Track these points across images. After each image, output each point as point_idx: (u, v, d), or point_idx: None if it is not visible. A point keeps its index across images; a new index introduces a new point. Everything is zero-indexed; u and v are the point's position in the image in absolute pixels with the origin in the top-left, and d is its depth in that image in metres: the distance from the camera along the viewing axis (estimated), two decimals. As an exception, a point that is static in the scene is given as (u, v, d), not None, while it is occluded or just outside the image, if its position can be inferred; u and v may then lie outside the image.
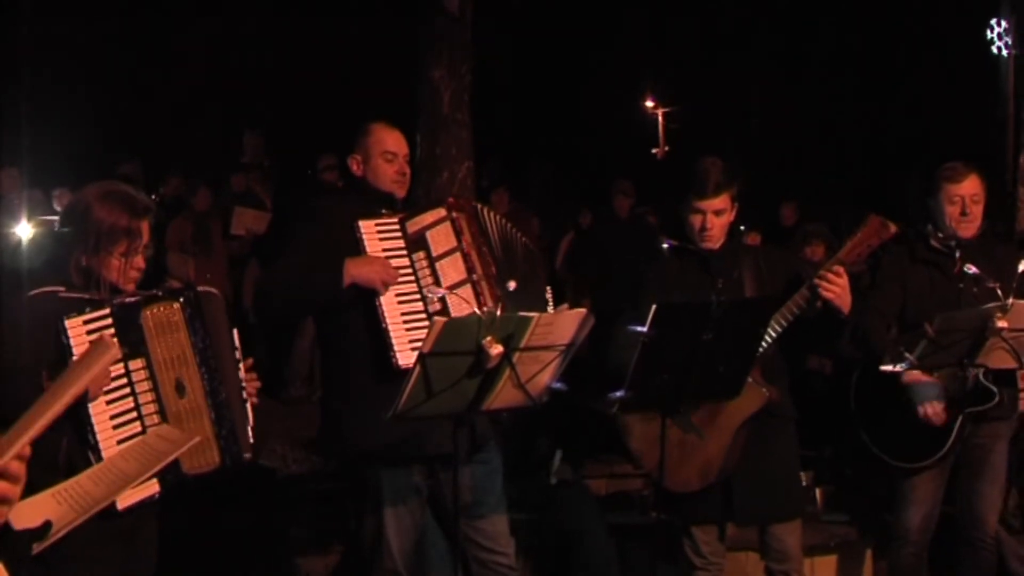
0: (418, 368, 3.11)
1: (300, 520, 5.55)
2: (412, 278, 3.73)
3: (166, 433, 3.04)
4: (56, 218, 7.38)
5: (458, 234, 3.81)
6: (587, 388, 3.89)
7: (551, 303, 3.97)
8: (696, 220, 3.96)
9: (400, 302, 3.70)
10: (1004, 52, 13.86)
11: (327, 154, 8.98)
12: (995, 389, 4.21)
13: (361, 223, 3.73)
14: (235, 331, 3.37)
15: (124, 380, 3.09)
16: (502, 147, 13.33)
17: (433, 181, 6.99)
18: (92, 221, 3.14)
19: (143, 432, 3.08)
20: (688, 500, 3.97)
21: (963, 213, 4.35)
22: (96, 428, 3.01)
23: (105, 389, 3.03)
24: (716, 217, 3.94)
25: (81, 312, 3.04)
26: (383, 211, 3.83)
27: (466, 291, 3.74)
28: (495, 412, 3.53)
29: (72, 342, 3.00)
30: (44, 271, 3.21)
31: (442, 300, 3.69)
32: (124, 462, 2.91)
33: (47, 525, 2.71)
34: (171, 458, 2.97)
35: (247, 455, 3.31)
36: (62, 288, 3.12)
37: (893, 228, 3.83)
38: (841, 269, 3.77)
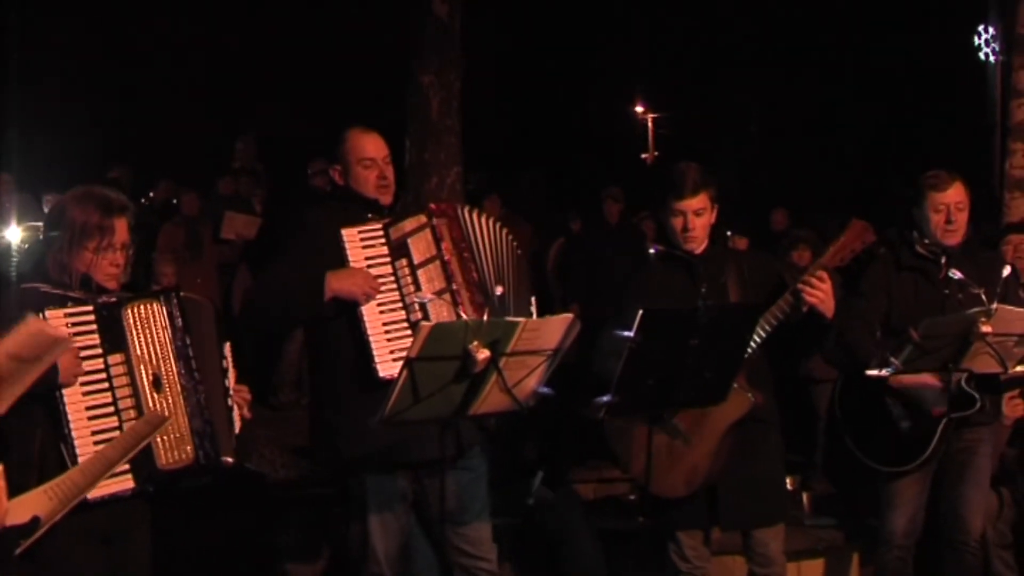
0: (405, 373, 3.12)
1: (288, 525, 5.55)
2: (395, 286, 3.74)
3: (149, 417, 3.10)
4: (43, 224, 7.39)
5: (438, 241, 3.80)
6: (574, 393, 3.90)
7: (535, 311, 3.95)
8: (677, 222, 3.97)
9: (382, 311, 3.70)
10: (991, 58, 13.95)
11: (318, 159, 8.97)
12: (977, 395, 4.23)
13: (344, 231, 3.73)
14: (228, 345, 3.45)
15: (103, 375, 3.17)
16: (492, 153, 13.36)
17: (422, 187, 7.00)
18: (67, 220, 3.28)
19: (119, 425, 3.15)
20: (673, 505, 3.98)
21: (948, 221, 4.37)
22: (71, 419, 3.08)
23: (83, 381, 3.12)
24: (697, 217, 3.95)
25: (63, 305, 3.15)
26: (369, 216, 3.83)
27: (446, 300, 3.74)
28: (482, 417, 3.54)
29: None
30: (30, 273, 3.33)
31: (423, 307, 3.70)
32: (110, 449, 2.94)
33: (35, 521, 2.73)
34: (149, 438, 3.01)
35: (227, 458, 3.34)
36: (45, 285, 3.24)
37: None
38: (824, 274, 3.79)
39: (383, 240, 3.76)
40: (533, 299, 3.99)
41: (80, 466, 2.95)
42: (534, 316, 3.88)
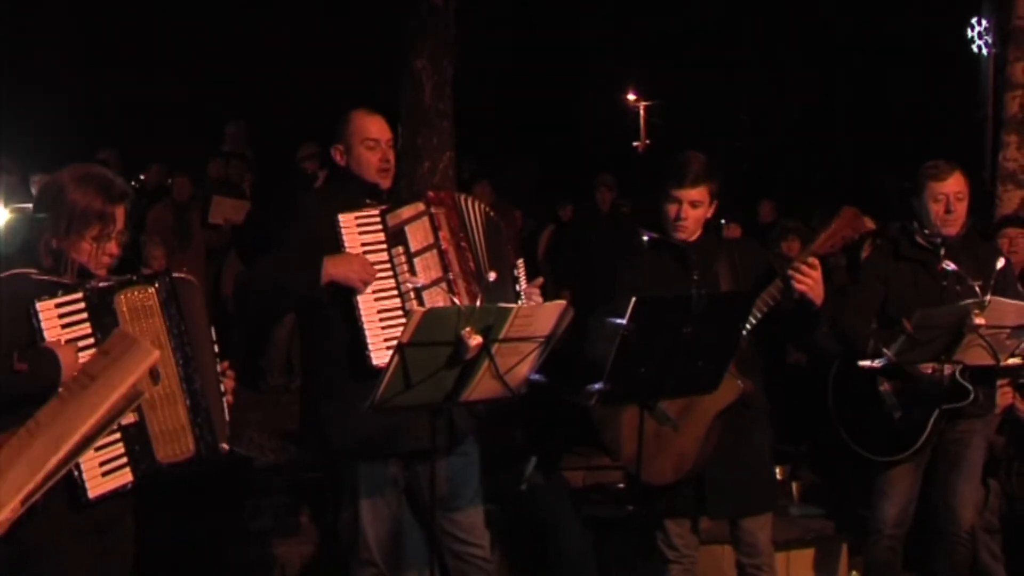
0: (396, 358, 3.10)
1: (276, 510, 5.53)
2: (391, 273, 3.70)
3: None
4: (31, 206, 7.32)
5: (435, 230, 3.77)
6: (565, 380, 3.89)
7: (522, 274, 3.92)
8: (671, 209, 3.94)
9: (377, 299, 3.67)
10: (984, 51, 13.96)
11: (308, 143, 8.94)
12: (971, 387, 4.23)
13: (341, 217, 3.68)
14: (212, 328, 3.33)
15: None
16: (485, 139, 13.33)
17: (414, 171, 6.99)
18: (65, 203, 3.08)
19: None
20: (661, 493, 3.97)
21: (947, 211, 4.36)
22: None
23: None
24: (692, 208, 3.92)
25: (53, 295, 2.98)
26: (367, 201, 3.80)
27: (441, 289, 3.72)
28: (473, 404, 3.52)
29: (43, 325, 2.95)
30: (16, 256, 3.14)
31: (418, 295, 3.67)
32: (86, 428, 2.79)
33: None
34: (125, 412, 2.83)
35: (223, 445, 3.27)
36: (34, 271, 3.07)
37: (868, 222, 3.84)
38: (815, 261, 3.77)
39: (380, 227, 3.72)
40: (520, 262, 3.96)
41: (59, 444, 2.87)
42: (522, 281, 3.89)
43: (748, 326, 3.82)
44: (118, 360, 2.44)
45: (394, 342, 3.19)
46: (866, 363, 4.15)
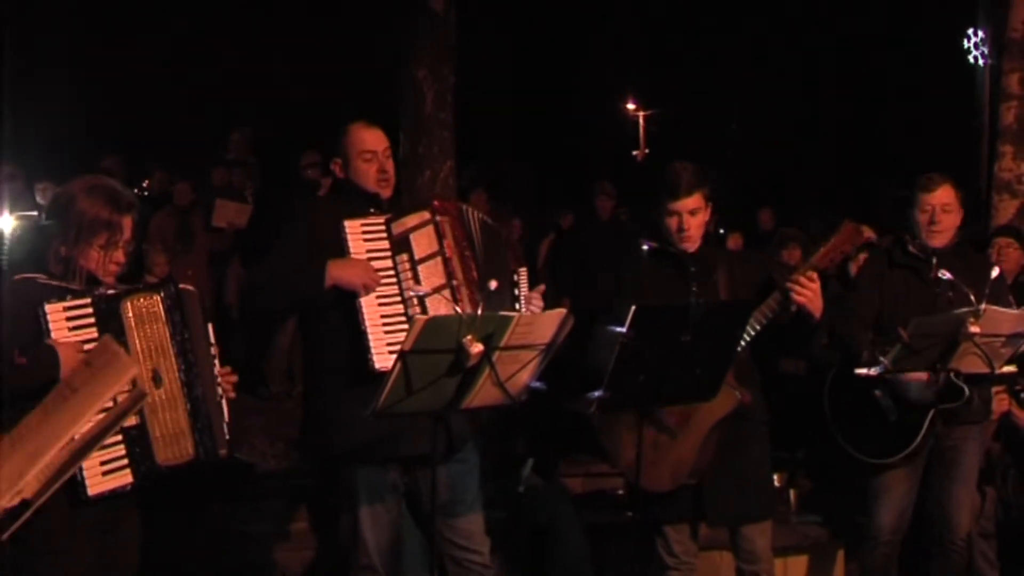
0: (399, 365, 3.14)
1: (277, 515, 5.56)
2: (394, 280, 3.74)
3: (131, 394, 2.88)
4: (36, 213, 7.37)
5: (440, 238, 3.81)
6: (564, 388, 3.93)
7: (524, 280, 3.97)
8: (672, 222, 3.99)
9: (380, 304, 3.71)
10: (980, 61, 14.02)
11: (310, 151, 8.98)
12: (966, 387, 4.26)
13: (347, 223, 3.73)
14: (211, 326, 3.40)
15: None
16: (485, 148, 13.37)
17: (415, 180, 7.03)
18: (75, 212, 3.20)
19: None
20: (661, 500, 4.00)
21: (932, 222, 4.42)
22: None
23: None
24: (692, 217, 3.97)
25: (62, 299, 3.07)
26: (371, 210, 3.84)
27: (445, 296, 3.76)
28: (474, 410, 3.56)
29: (51, 327, 3.03)
30: (24, 262, 3.26)
31: (421, 302, 3.71)
32: (94, 428, 2.82)
33: (23, 504, 2.69)
34: (129, 415, 2.86)
35: (222, 451, 3.35)
36: (42, 276, 3.17)
37: (868, 233, 3.89)
38: (814, 274, 3.82)
39: (384, 234, 3.76)
40: (523, 270, 4.00)
41: (67, 445, 2.91)
42: (523, 287, 3.94)
43: (747, 337, 3.86)
44: (98, 373, 2.47)
45: (396, 347, 3.23)
46: (862, 371, 4.19)
